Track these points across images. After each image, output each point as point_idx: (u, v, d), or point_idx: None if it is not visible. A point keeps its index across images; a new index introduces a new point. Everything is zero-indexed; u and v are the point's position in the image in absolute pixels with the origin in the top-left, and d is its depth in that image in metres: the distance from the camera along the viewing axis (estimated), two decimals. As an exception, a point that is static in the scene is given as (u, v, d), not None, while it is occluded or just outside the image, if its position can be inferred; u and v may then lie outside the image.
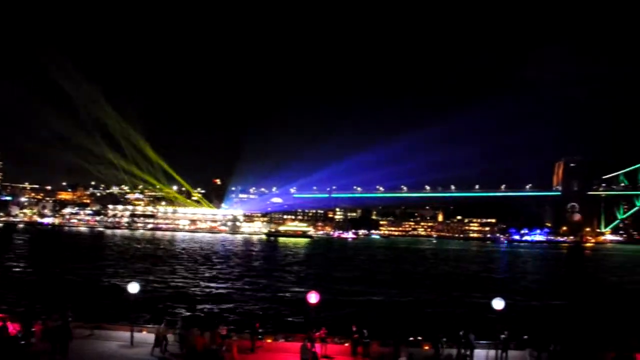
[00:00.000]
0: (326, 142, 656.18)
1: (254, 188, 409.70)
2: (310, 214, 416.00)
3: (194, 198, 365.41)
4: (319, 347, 27.85)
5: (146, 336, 29.49)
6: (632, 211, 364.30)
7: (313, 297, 29.35)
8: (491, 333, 29.73)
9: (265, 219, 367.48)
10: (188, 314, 46.81)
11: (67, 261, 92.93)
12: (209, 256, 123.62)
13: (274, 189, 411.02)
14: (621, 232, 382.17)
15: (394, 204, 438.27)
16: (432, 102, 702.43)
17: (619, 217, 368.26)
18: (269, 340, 29.53)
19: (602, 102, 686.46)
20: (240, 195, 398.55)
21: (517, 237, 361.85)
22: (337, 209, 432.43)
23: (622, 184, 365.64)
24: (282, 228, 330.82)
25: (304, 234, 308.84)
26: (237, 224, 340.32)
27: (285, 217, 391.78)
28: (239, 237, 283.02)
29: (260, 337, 29.56)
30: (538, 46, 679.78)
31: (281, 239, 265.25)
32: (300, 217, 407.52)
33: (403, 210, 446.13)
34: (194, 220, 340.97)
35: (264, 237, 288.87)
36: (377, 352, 28.86)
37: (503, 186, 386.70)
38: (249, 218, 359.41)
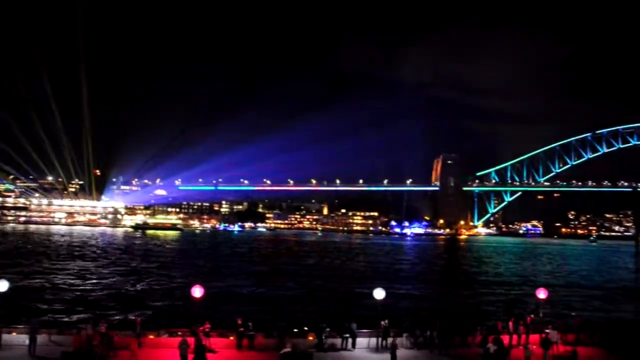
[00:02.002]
0: (212, 133, 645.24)
1: (136, 179, 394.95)
2: (195, 207, 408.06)
3: (71, 189, 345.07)
4: (204, 341, 27.56)
5: (16, 337, 27.60)
6: (501, 206, 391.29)
7: (197, 291, 29.00)
8: (372, 322, 30.87)
9: (148, 211, 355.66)
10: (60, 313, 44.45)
11: None
12: (84, 250, 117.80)
13: (157, 181, 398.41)
14: (491, 225, 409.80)
15: (280, 197, 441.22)
16: (317, 97, 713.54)
17: (490, 211, 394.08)
18: (152, 337, 28.74)
19: (475, 104, 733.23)
20: (122, 187, 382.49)
21: (398, 230, 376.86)
22: (223, 202, 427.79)
23: (494, 181, 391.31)
24: (150, 220, 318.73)
25: (173, 227, 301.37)
26: (118, 216, 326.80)
27: (169, 209, 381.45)
28: (120, 230, 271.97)
29: (142, 333, 28.69)
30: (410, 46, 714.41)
31: (150, 232, 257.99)
32: (185, 210, 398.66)
33: (289, 203, 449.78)
34: (72, 213, 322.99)
35: (130, 229, 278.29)
36: (262, 344, 29.06)
37: (386, 181, 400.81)
38: (131, 211, 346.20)
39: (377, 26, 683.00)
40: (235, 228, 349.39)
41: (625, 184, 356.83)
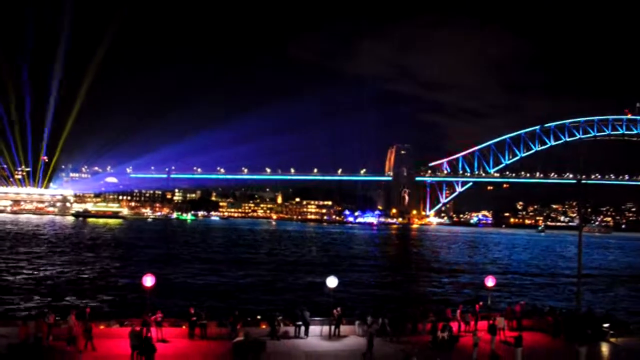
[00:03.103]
0: (166, 121, 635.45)
1: (86, 167, 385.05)
2: (147, 195, 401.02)
3: (17, 177, 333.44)
4: (155, 331, 27.24)
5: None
6: (453, 196, 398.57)
7: (148, 280, 28.59)
8: (325, 310, 31.12)
9: (99, 199, 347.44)
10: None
11: None
12: (30, 240, 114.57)
13: (108, 168, 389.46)
14: (443, 214, 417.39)
15: (234, 186, 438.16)
16: (273, 87, 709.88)
17: (442, 201, 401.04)
18: (102, 327, 28.19)
19: (429, 96, 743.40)
20: (72, 175, 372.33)
21: (351, 219, 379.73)
22: (176, 190, 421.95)
23: (446, 171, 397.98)
24: (91, 208, 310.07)
25: (115, 215, 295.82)
26: (67, 204, 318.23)
27: (120, 197, 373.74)
28: (69, 218, 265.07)
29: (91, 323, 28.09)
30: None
31: (91, 220, 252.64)
32: (137, 198, 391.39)
33: (243, 191, 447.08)
34: (18, 201, 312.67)
35: (70, 218, 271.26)
36: (215, 333, 28.93)
37: (340, 170, 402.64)
38: (81, 198, 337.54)
39: (334, 18, 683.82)
40: (188, 217, 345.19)
41: (571, 175, 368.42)
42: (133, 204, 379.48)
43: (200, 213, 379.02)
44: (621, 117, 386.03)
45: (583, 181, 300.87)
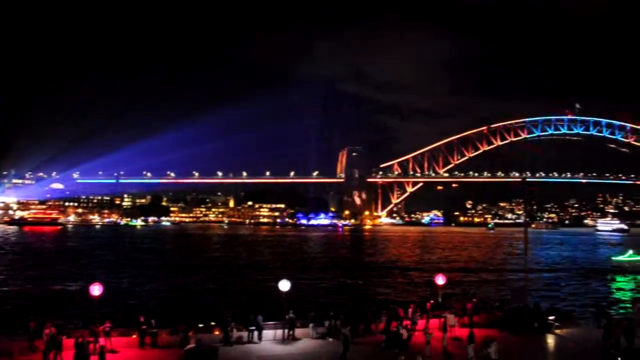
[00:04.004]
0: (114, 125, 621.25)
1: (30, 173, 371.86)
2: (95, 201, 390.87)
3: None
4: (104, 342, 26.54)
5: None
6: (404, 196, 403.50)
7: (96, 289, 27.88)
8: (278, 313, 30.99)
9: (44, 206, 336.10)
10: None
11: None
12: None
13: (54, 174, 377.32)
14: (395, 215, 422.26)
15: (185, 190, 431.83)
16: (224, 89, 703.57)
17: (393, 201, 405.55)
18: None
19: (381, 97, 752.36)
20: (14, 181, 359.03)
21: (304, 221, 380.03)
22: (125, 195, 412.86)
23: (397, 172, 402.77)
24: (27, 215, 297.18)
25: (53, 222, 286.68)
26: (10, 212, 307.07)
27: (67, 204, 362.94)
28: (8, 226, 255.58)
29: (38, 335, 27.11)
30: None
31: (28, 228, 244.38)
32: (84, 204, 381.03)
33: (194, 196, 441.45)
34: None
35: (11, 226, 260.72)
36: (166, 341, 28.42)
37: (292, 173, 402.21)
38: (25, 206, 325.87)
39: (287, 19, 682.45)
40: (138, 222, 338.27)
41: (517, 174, 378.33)
42: (80, 210, 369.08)
43: (151, 219, 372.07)
44: (562, 117, 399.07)
45: (528, 179, 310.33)
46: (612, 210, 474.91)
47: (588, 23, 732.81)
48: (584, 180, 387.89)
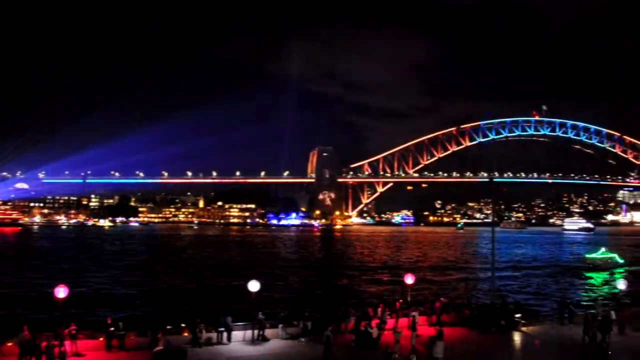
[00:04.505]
0: (81, 124, 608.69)
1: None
2: (62, 201, 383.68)
3: None
4: (69, 345, 26.06)
5: None
6: (374, 196, 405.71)
7: (61, 292, 27.37)
8: (247, 314, 30.86)
9: (7, 207, 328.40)
10: None
11: None
12: None
13: (18, 174, 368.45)
14: (365, 215, 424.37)
15: (154, 190, 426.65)
16: (194, 88, 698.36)
17: (363, 201, 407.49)
18: (10, 344, 26.57)
19: (352, 98, 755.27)
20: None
21: (275, 221, 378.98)
22: (93, 196, 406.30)
23: (367, 173, 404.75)
24: None
25: (14, 222, 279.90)
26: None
27: (32, 204, 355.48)
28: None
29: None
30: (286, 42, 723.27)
31: None
32: (50, 205, 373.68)
33: (163, 196, 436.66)
34: None
35: None
36: (134, 343, 28.05)
37: (263, 173, 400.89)
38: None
39: (258, 19, 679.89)
40: (106, 223, 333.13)
41: (485, 174, 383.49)
42: (46, 210, 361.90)
43: (119, 219, 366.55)
44: (529, 118, 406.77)
45: (495, 179, 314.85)
46: (577, 210, 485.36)
47: (557, 25, 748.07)
48: (550, 181, 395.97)
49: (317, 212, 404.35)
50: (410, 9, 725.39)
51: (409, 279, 36.91)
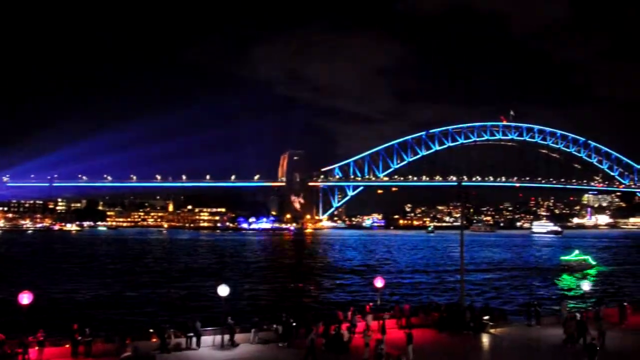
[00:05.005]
0: (48, 126, 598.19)
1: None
2: (27, 205, 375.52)
3: None
4: (36, 352, 25.53)
5: None
6: (345, 200, 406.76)
7: (25, 298, 26.81)
8: (217, 319, 30.64)
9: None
10: None
11: None
12: None
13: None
14: (336, 218, 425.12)
15: (123, 194, 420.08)
16: (164, 91, 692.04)
17: (334, 205, 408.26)
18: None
19: (322, 102, 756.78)
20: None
21: (245, 225, 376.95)
22: (59, 200, 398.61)
23: (337, 176, 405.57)
24: None
25: None
26: None
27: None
28: None
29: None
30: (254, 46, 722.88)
31: None
32: (15, 209, 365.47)
33: (132, 200, 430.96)
34: None
35: None
36: (101, 349, 27.61)
37: (233, 177, 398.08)
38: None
39: (230, 22, 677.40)
40: (73, 227, 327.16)
41: (454, 178, 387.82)
42: (10, 215, 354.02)
43: (86, 223, 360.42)
44: (497, 123, 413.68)
45: (464, 183, 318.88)
46: (544, 213, 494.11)
47: (525, 32, 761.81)
48: (517, 184, 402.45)
49: (288, 216, 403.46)
50: (378, 14, 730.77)
51: (379, 282, 37.10)
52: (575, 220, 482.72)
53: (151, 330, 29.94)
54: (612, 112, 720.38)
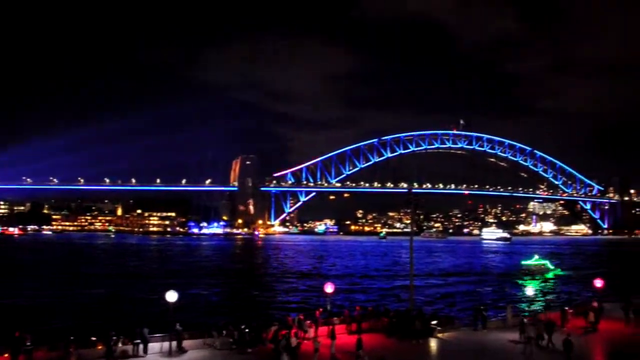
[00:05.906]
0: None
1: None
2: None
3: None
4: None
5: None
6: (297, 205, 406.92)
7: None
8: (164, 325, 30.15)
9: None
10: None
11: None
12: None
13: None
14: (288, 224, 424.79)
15: (69, 197, 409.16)
16: (114, 93, 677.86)
17: (286, 210, 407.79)
18: None
19: (274, 107, 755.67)
20: None
21: (196, 230, 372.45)
22: (1, 202, 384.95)
23: (290, 182, 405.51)
24: None
25: None
26: None
27: None
28: None
29: None
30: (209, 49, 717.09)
31: None
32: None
33: (79, 203, 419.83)
34: None
35: None
36: (44, 358, 26.77)
37: (184, 180, 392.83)
38: None
39: (185, 26, 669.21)
40: (16, 231, 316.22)
41: (405, 185, 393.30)
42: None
43: (30, 227, 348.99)
44: (448, 132, 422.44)
45: (415, 190, 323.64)
46: (492, 220, 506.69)
47: (475, 43, 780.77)
48: (466, 192, 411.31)
49: (240, 220, 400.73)
50: (334, 21, 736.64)
51: (329, 288, 37.26)
52: (521, 227, 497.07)
53: (95, 338, 29.20)
54: (557, 122, 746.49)
